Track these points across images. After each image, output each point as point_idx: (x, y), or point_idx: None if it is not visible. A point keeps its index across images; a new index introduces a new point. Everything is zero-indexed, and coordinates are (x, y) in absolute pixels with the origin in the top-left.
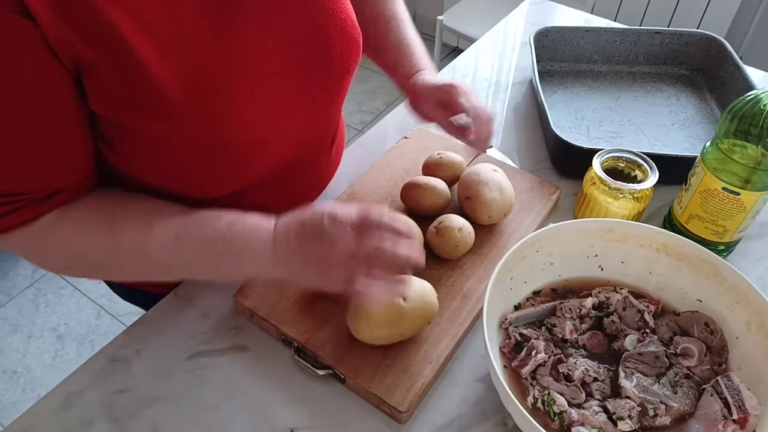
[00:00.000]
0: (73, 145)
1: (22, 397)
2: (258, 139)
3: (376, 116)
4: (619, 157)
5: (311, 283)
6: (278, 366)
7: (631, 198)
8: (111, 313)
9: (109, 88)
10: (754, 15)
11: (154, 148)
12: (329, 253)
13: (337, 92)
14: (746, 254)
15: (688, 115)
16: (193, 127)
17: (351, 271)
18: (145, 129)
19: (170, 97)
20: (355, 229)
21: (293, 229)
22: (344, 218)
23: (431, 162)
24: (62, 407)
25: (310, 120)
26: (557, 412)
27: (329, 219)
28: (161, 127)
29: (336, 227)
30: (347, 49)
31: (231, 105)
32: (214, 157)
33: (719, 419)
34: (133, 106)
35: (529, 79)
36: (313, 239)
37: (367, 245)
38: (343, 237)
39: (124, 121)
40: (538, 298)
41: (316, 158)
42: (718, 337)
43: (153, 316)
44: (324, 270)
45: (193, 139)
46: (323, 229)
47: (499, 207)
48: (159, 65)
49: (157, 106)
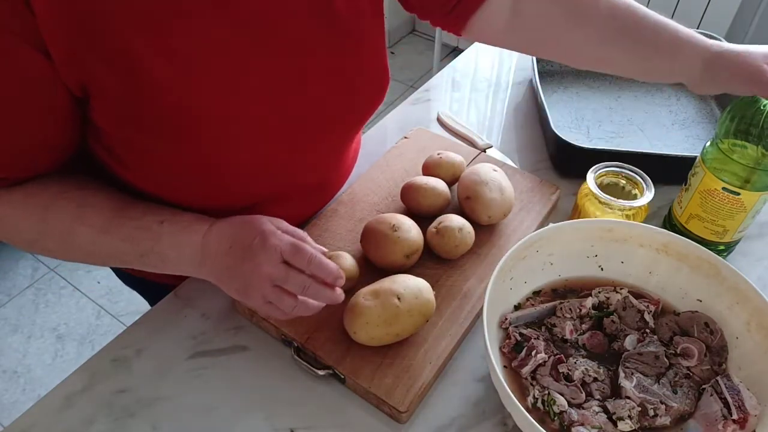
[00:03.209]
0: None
1: (22, 397)
2: (267, 166)
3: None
4: (619, 172)
5: (233, 296)
6: (278, 366)
7: (622, 215)
8: (111, 313)
9: (114, 103)
10: (754, 15)
11: (160, 163)
12: (251, 274)
13: (355, 130)
14: (746, 254)
15: (688, 115)
16: (196, 145)
17: (267, 296)
18: (152, 146)
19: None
20: (285, 258)
21: (224, 241)
22: (275, 244)
23: (431, 162)
24: (62, 407)
25: (329, 150)
26: (557, 412)
27: (260, 240)
28: (164, 142)
29: (265, 250)
30: (369, 92)
31: (239, 133)
32: (220, 179)
33: (719, 419)
34: (141, 125)
35: (529, 79)
36: (239, 257)
37: (287, 280)
38: (267, 262)
39: (131, 137)
40: (538, 298)
41: (330, 182)
42: (718, 337)
43: (153, 316)
44: (244, 288)
45: (198, 159)
46: (251, 250)
47: (499, 207)
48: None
49: (161, 121)
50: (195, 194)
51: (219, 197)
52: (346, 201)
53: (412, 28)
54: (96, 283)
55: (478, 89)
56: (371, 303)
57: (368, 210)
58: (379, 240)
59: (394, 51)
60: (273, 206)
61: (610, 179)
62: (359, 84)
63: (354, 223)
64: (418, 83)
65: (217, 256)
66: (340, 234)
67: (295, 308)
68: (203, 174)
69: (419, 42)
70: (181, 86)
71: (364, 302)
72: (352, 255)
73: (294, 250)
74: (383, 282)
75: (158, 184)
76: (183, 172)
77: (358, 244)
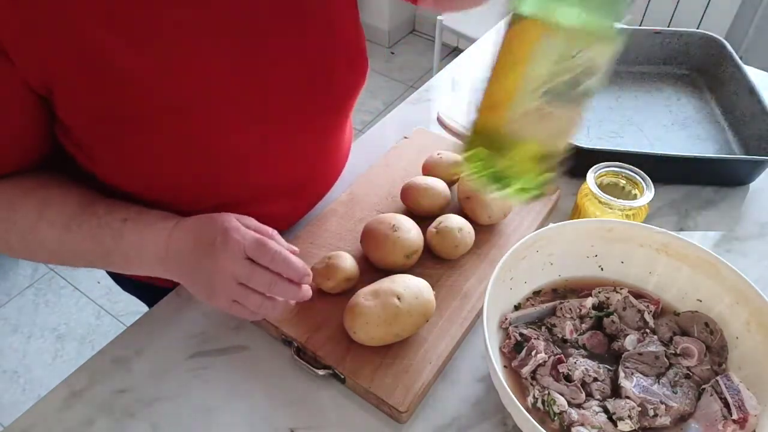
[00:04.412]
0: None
1: (22, 397)
2: (248, 154)
3: (376, 116)
4: (619, 172)
5: (200, 297)
6: (278, 366)
7: (622, 215)
8: (111, 313)
9: (83, 98)
10: (754, 15)
11: (135, 157)
12: (214, 272)
13: (337, 115)
14: (746, 254)
15: (688, 115)
16: (166, 141)
17: (232, 295)
18: (125, 138)
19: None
20: (248, 255)
21: (188, 239)
22: (238, 240)
23: (431, 162)
24: (62, 407)
25: (313, 138)
26: (557, 412)
27: (222, 237)
28: (141, 136)
29: (227, 248)
30: (344, 77)
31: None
32: (199, 167)
33: (719, 419)
34: (111, 114)
35: None
36: (202, 255)
37: (251, 278)
38: (230, 260)
39: (100, 131)
40: (538, 298)
41: (320, 175)
42: (718, 337)
43: (153, 316)
44: (209, 288)
45: (168, 150)
46: (214, 248)
47: (499, 207)
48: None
49: (129, 115)
50: (170, 191)
51: (197, 192)
52: (346, 201)
53: (412, 28)
54: (96, 283)
55: (478, 89)
56: (371, 303)
57: (368, 210)
58: (379, 240)
59: (394, 51)
60: (257, 204)
61: (610, 179)
62: (331, 66)
63: (354, 223)
64: (418, 83)
65: (181, 255)
66: (340, 234)
67: (261, 306)
68: (174, 167)
69: (419, 42)
70: (145, 74)
71: (364, 302)
72: (352, 255)
73: (257, 246)
74: (383, 282)
75: (129, 179)
76: (153, 165)
77: (358, 244)
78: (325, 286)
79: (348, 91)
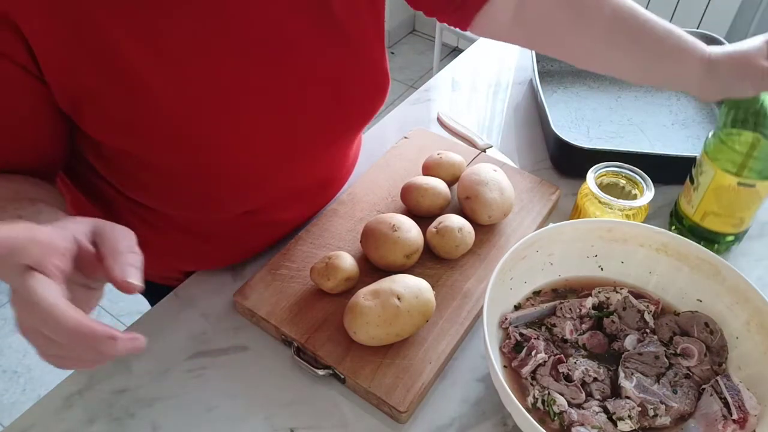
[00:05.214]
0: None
1: (22, 397)
2: (274, 171)
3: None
4: (619, 172)
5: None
6: (278, 366)
7: (622, 215)
8: (111, 313)
9: (110, 113)
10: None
11: (154, 172)
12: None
13: (359, 131)
14: (746, 254)
15: (688, 115)
16: (191, 155)
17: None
18: (153, 151)
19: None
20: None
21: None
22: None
23: (431, 162)
24: (62, 407)
25: (333, 152)
26: (557, 412)
27: (12, 295)
28: (160, 153)
29: (16, 308)
30: (369, 97)
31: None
32: (215, 185)
33: (719, 419)
34: (133, 132)
35: (529, 79)
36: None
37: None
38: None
39: (123, 147)
40: (538, 298)
41: (333, 182)
42: (718, 337)
43: (153, 316)
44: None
45: (192, 167)
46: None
47: (499, 207)
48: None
49: (157, 131)
50: (190, 202)
51: (217, 203)
52: (346, 201)
53: (412, 28)
54: None
55: (478, 89)
56: (371, 303)
57: (368, 210)
58: (379, 240)
59: (394, 51)
60: (272, 210)
61: (610, 179)
62: (358, 89)
63: (354, 223)
64: (418, 83)
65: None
66: (340, 234)
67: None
68: (197, 180)
69: (419, 42)
70: (172, 89)
71: (364, 302)
72: (352, 255)
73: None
74: (383, 282)
75: (152, 193)
76: (175, 179)
77: (358, 244)
78: (325, 286)
79: (369, 112)
